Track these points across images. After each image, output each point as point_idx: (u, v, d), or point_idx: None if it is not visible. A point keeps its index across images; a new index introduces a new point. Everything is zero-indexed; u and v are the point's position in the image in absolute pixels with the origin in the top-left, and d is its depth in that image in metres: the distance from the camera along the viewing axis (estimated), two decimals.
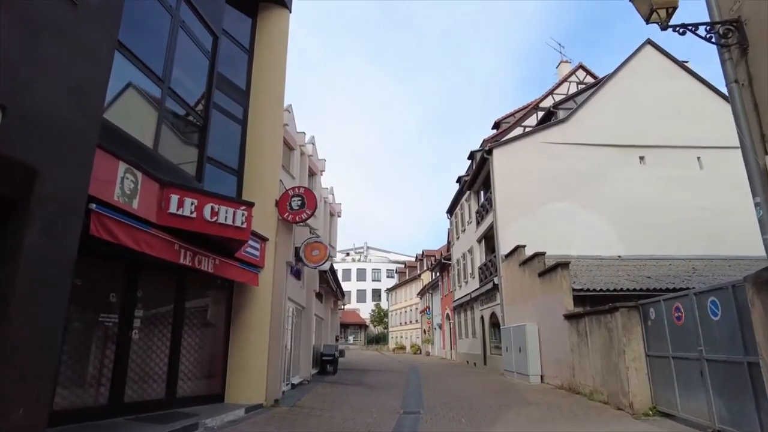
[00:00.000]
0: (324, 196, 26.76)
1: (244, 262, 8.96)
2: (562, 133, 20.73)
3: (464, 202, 26.78)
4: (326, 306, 21.27)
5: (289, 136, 19.25)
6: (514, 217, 19.51)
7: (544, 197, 19.86)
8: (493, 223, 19.93)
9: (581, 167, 20.29)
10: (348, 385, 14.82)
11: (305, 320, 14.85)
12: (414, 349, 47.99)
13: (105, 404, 6.94)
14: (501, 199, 19.80)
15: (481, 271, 22.97)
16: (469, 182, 24.22)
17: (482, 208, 22.74)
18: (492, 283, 19.76)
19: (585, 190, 20.04)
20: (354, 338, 65.42)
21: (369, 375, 18.96)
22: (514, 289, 17.44)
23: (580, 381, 11.24)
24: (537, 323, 14.65)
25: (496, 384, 14.70)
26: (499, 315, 19.44)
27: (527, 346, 14.50)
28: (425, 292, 45.22)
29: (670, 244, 18.94)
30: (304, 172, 21.17)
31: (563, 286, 12.64)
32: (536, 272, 14.74)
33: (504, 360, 17.37)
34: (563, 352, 12.45)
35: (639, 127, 20.73)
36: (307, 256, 10.50)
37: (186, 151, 8.27)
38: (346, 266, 71.93)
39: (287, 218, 10.10)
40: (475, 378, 17.00)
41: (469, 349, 25.89)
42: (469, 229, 25.69)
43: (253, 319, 9.52)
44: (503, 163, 20.26)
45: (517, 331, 15.62)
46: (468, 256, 25.87)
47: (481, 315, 23.06)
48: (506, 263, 18.56)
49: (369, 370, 21.88)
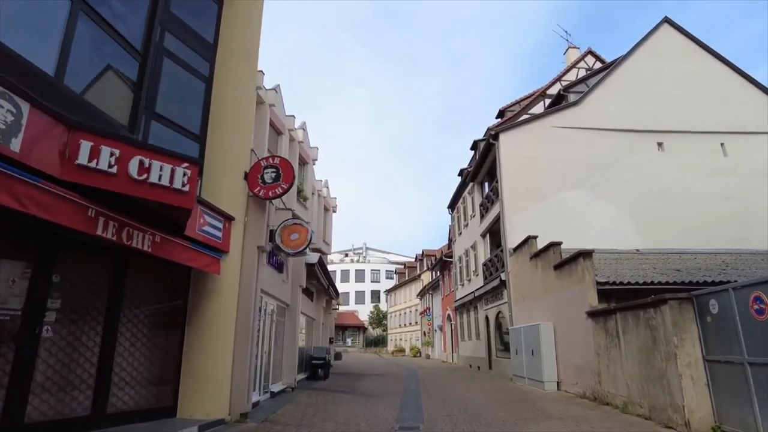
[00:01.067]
0: (317, 189, 24.98)
1: (200, 244, 7.14)
2: (574, 117, 18.95)
3: (467, 195, 24.95)
4: (318, 305, 19.42)
5: (277, 118, 17.47)
6: (523, 207, 17.70)
7: (554, 186, 18.07)
8: (500, 214, 18.11)
9: (595, 154, 18.51)
10: (338, 393, 12.98)
11: (290, 319, 13.02)
12: (414, 352, 46.07)
13: None
14: (508, 187, 17.98)
15: (485, 268, 21.13)
16: (472, 172, 22.41)
17: (487, 199, 20.92)
18: (498, 280, 17.93)
19: (599, 179, 18.24)
20: (352, 341, 63.43)
21: (364, 380, 17.10)
22: (523, 285, 15.60)
23: (608, 390, 9.39)
24: (552, 322, 12.81)
25: (505, 391, 12.85)
26: (507, 314, 17.59)
27: (541, 348, 12.65)
28: (425, 293, 43.35)
29: (691, 237, 17.11)
30: (293, 161, 19.37)
31: (585, 279, 10.79)
32: (551, 265, 12.91)
33: (513, 364, 15.51)
34: (585, 355, 10.62)
35: (657, 111, 18.95)
36: (284, 241, 8.68)
37: (118, 94, 6.43)
38: (344, 267, 70.09)
39: (258, 193, 8.28)
40: (480, 384, 15.14)
41: (473, 351, 24.01)
42: (472, 223, 23.86)
43: (215, 315, 7.68)
44: (510, 149, 18.45)
45: (529, 331, 13.77)
46: (471, 253, 24.03)
47: (485, 315, 21.20)
48: (515, 257, 16.73)
49: (365, 375, 20.02)
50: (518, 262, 16.28)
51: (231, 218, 7.99)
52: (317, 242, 25.36)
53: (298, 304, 13.27)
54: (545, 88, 24.91)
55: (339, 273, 69.15)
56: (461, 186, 26.21)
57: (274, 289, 11.11)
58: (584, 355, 10.69)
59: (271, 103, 16.65)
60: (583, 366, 10.81)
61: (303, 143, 20.12)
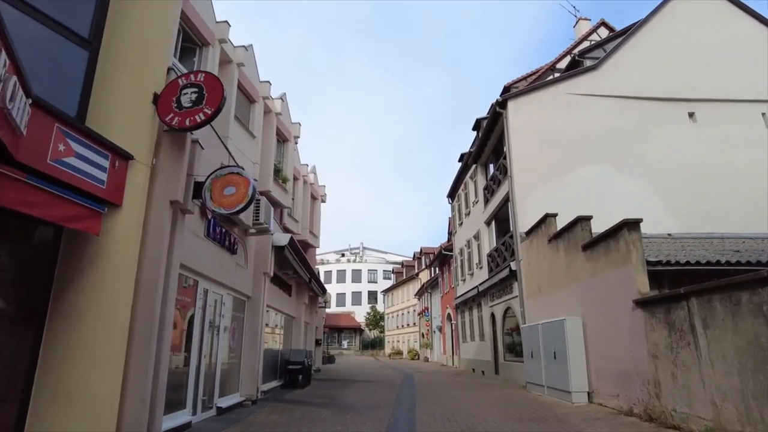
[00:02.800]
0: (303, 174, 22.24)
1: (60, 184, 4.42)
2: (592, 84, 16.27)
3: (468, 180, 22.23)
4: (298, 301, 16.67)
5: (248, 82, 14.76)
6: (535, 184, 15.00)
7: (571, 160, 15.39)
8: (509, 193, 15.40)
9: (617, 124, 15.84)
10: (313, 407, 10.23)
11: (251, 315, 10.28)
12: (411, 355, 43.25)
13: None
14: (518, 163, 15.28)
15: (490, 259, 18.40)
16: (475, 152, 19.71)
17: (492, 181, 18.21)
18: (507, 270, 15.19)
19: (623, 153, 15.56)
20: (348, 343, 60.54)
21: (350, 388, 14.33)
22: (540, 274, 12.87)
23: (674, 407, 6.65)
24: (581, 317, 10.08)
25: (521, 404, 10.09)
26: (517, 310, 14.85)
27: (567, 349, 9.91)
28: (423, 292, 40.57)
29: (730, 218, 14.41)
30: (269, 133, 16.62)
31: (632, 258, 8.05)
32: (578, 245, 10.19)
33: (527, 369, 12.75)
34: (633, 358, 7.88)
35: (686, 77, 16.28)
36: (214, 196, 5.96)
37: None
38: (340, 267, 67.31)
39: (171, 122, 5.55)
40: (488, 393, 12.37)
41: (476, 354, 21.22)
42: (475, 210, 21.13)
43: (96, 302, 4.94)
44: (520, 119, 15.76)
45: (549, 329, 11.02)
46: (473, 243, 21.29)
47: (491, 312, 18.45)
48: (527, 243, 14.00)
49: (354, 381, 17.25)
50: (532, 248, 13.55)
51: (126, 156, 5.25)
52: (302, 233, 22.64)
53: (262, 297, 10.53)
54: (554, 61, 22.22)
55: (335, 273, 66.43)
56: (462, 171, 23.50)
57: (222, 274, 8.37)
58: (630, 358, 7.96)
59: (240, 62, 13.98)
60: (628, 372, 8.07)
61: (281, 116, 17.43)
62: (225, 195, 6.03)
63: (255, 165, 15.00)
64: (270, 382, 12.92)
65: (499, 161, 17.06)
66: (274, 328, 13.97)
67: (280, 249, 11.05)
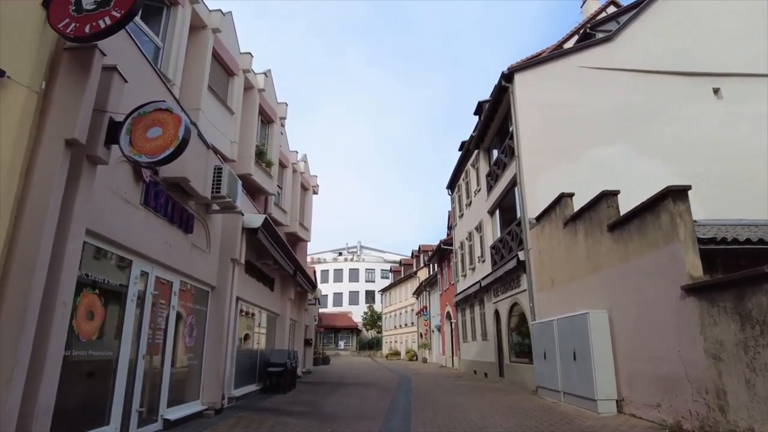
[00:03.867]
0: (292, 161, 20.60)
1: None
2: (607, 56, 14.67)
3: (470, 168, 20.60)
4: (282, 297, 15.01)
5: (226, 52, 13.12)
6: (545, 166, 13.39)
7: (585, 140, 13.79)
8: (516, 176, 13.77)
9: (634, 101, 14.25)
10: (291, 416, 8.59)
11: (216, 308, 8.62)
12: (409, 355, 41.58)
13: None
14: (527, 142, 13.66)
15: (494, 251, 16.77)
16: (477, 137, 18.09)
17: (496, 166, 16.59)
18: (514, 261, 13.54)
19: (641, 132, 13.97)
20: (345, 343, 58.83)
21: (339, 393, 12.68)
22: (553, 263, 11.25)
23: (749, 425, 5.02)
24: (607, 309, 8.45)
25: (535, 414, 8.44)
26: (526, 305, 13.21)
27: (591, 349, 8.26)
28: (422, 291, 38.92)
29: (759, 205, 12.84)
30: (250, 110, 14.97)
31: (679, 234, 6.43)
32: (603, 225, 8.57)
33: (539, 372, 11.11)
34: (681, 359, 6.25)
35: (711, 49, 14.69)
36: (135, 140, 4.33)
37: None
38: (337, 266, 65.63)
39: (66, 30, 3.93)
40: (494, 400, 10.72)
41: (478, 355, 19.57)
42: (476, 200, 19.50)
43: None
44: (528, 94, 14.14)
45: (567, 325, 9.38)
46: (475, 236, 19.66)
47: (494, 309, 16.80)
48: (538, 229, 12.38)
49: (345, 385, 15.60)
50: (544, 235, 11.93)
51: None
52: (291, 225, 21.00)
53: (230, 287, 8.87)
54: (562, 41, 20.64)
55: (332, 272, 64.77)
56: (462, 159, 21.86)
57: (171, 255, 6.72)
58: (678, 360, 6.33)
59: (216, 27, 12.37)
60: (674, 377, 6.45)
61: (265, 93, 15.80)
62: (148, 138, 4.38)
63: (233, 144, 13.38)
64: (246, 386, 11.27)
65: (504, 143, 15.44)
66: (253, 326, 12.33)
67: (252, 232, 9.39)
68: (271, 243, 10.39)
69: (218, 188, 7.60)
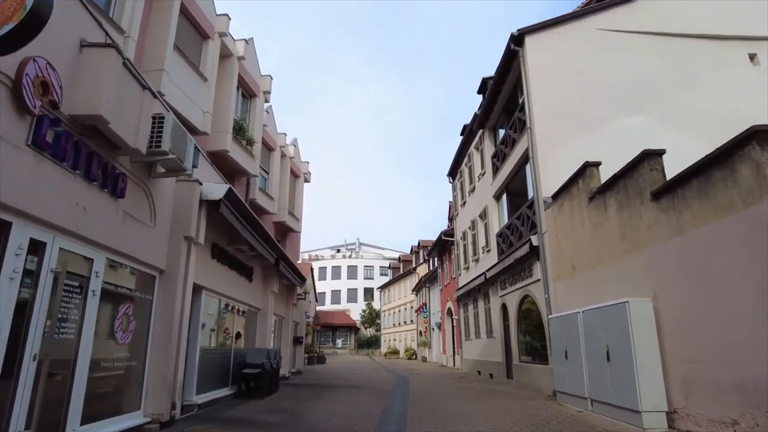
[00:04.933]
0: (281, 145, 18.85)
1: None
2: (630, 18, 12.94)
3: (473, 151, 18.86)
4: (263, 289, 13.28)
5: (197, 11, 11.30)
6: (561, 139, 11.68)
7: (605, 110, 12.08)
8: (528, 151, 12.05)
9: (660, 67, 12.53)
10: (259, 430, 6.91)
11: (165, 298, 6.89)
12: (408, 354, 39.87)
13: None
14: (540, 112, 11.94)
15: (501, 239, 15.05)
16: (482, 115, 16.36)
17: (504, 144, 14.86)
18: (527, 247, 11.81)
19: (668, 101, 12.24)
20: (343, 342, 57.10)
21: (326, 398, 10.96)
22: (575, 247, 9.53)
23: None
24: (651, 297, 6.74)
25: (560, 427, 6.72)
26: (540, 298, 11.49)
27: (633, 347, 6.53)
28: (421, 287, 37.22)
29: None
30: (227, 79, 13.16)
31: None
32: (645, 194, 6.87)
33: (558, 374, 9.39)
34: None
35: (745, 10, 12.98)
36: None
37: None
38: (335, 263, 63.93)
39: None
40: (504, 407, 8.98)
41: (482, 354, 17.84)
42: (481, 185, 17.76)
43: None
44: (541, 59, 12.41)
45: (598, 318, 7.64)
46: (479, 224, 17.94)
47: (501, 303, 15.08)
48: (555, 209, 10.67)
49: (335, 387, 13.90)
50: (562, 215, 10.21)
51: None
52: (280, 214, 19.27)
53: (183, 273, 7.14)
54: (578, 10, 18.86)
55: (330, 269, 63.11)
56: (464, 143, 20.12)
57: (85, 222, 5.00)
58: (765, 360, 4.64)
59: None
60: (759, 384, 4.76)
61: (246, 61, 14.07)
62: None
63: (205, 114, 11.70)
64: (214, 391, 9.56)
65: (513, 118, 13.72)
66: (232, 325, 10.62)
67: (214, 207, 7.66)
68: (239, 220, 8.63)
69: (158, 141, 5.88)
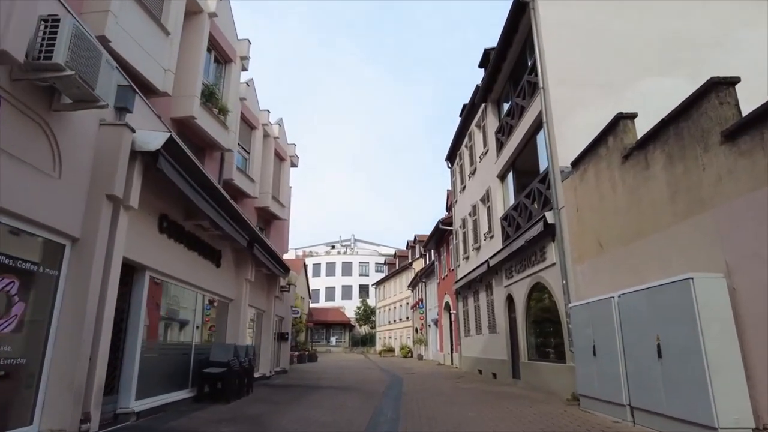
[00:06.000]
0: (263, 123, 17.05)
1: None
2: None
3: (474, 129, 17.14)
4: (237, 276, 11.53)
5: None
6: (580, 101, 9.99)
7: (629, 70, 10.40)
8: (543, 114, 10.31)
9: (690, 24, 10.86)
10: None
11: (76, 275, 5.15)
12: (404, 352, 38.16)
13: None
14: (555, 69, 10.23)
15: (506, 223, 13.35)
16: (484, 86, 14.64)
17: (510, 115, 13.14)
18: (540, 226, 10.05)
19: (700, 62, 10.47)
20: (337, 339, 55.34)
21: (306, 403, 9.20)
22: (602, 219, 7.81)
23: None
24: (725, 273, 5.05)
25: None
26: (556, 284, 9.78)
27: (703, 338, 4.80)
28: (417, 282, 35.51)
29: None
30: (195, 36, 11.40)
31: None
32: (713, 135, 5.19)
33: (583, 374, 7.67)
34: None
35: None
36: None
37: None
38: (330, 260, 62.14)
39: None
40: (516, 414, 7.24)
41: (483, 351, 16.13)
42: (483, 165, 16.05)
43: None
44: (556, 10, 10.71)
45: (643, 303, 5.87)
46: (481, 208, 16.23)
47: (506, 294, 13.37)
48: (575, 178, 8.96)
49: (320, 388, 12.16)
50: (585, 184, 8.51)
51: None
52: (262, 199, 17.45)
53: (105, 243, 5.40)
54: None
55: (324, 266, 61.31)
56: (464, 122, 18.37)
57: None
58: None
59: None
60: None
61: (219, 19, 12.30)
62: None
63: (167, 73, 9.86)
64: (166, 394, 7.80)
65: (521, 84, 12.01)
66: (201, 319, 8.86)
67: (150, 159, 5.90)
68: (190, 184, 6.85)
69: (48, 50, 4.14)
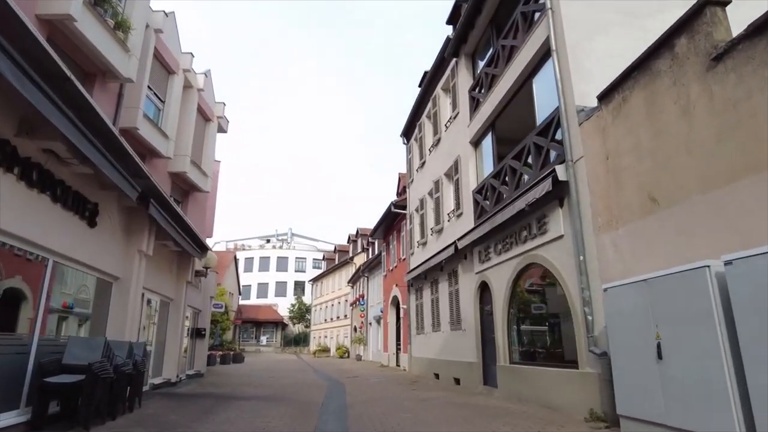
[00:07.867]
0: (184, 68, 13.38)
1: None
2: None
3: (440, 93, 14.57)
4: (128, 249, 8.06)
5: None
6: (602, 25, 7.63)
7: None
8: (551, 40, 7.81)
9: None
10: None
11: None
12: (340, 352, 35.12)
13: None
14: None
15: (482, 196, 10.84)
16: (457, 36, 12.12)
17: (493, 63, 10.62)
18: (547, 185, 7.54)
19: None
20: (268, 339, 51.15)
21: (208, 423, 5.99)
22: (661, 163, 5.32)
23: None
24: None
25: None
26: (563, 263, 7.30)
27: None
28: (359, 278, 32.67)
29: None
30: None
31: None
32: None
33: (630, 385, 5.16)
34: None
35: None
36: None
37: None
38: (264, 254, 57.72)
39: None
40: None
41: (441, 351, 13.54)
42: (450, 133, 13.50)
43: None
44: None
45: None
46: (446, 184, 13.67)
47: (479, 282, 10.86)
48: (606, 115, 6.49)
49: (237, 400, 8.92)
50: (626, 119, 6.04)
51: None
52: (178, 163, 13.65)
53: None
54: None
55: (257, 260, 56.83)
56: (427, 88, 15.81)
57: None
58: None
59: None
60: None
61: None
62: None
63: None
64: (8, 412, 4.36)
65: (513, 16, 9.55)
66: None
67: None
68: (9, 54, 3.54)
69: None
